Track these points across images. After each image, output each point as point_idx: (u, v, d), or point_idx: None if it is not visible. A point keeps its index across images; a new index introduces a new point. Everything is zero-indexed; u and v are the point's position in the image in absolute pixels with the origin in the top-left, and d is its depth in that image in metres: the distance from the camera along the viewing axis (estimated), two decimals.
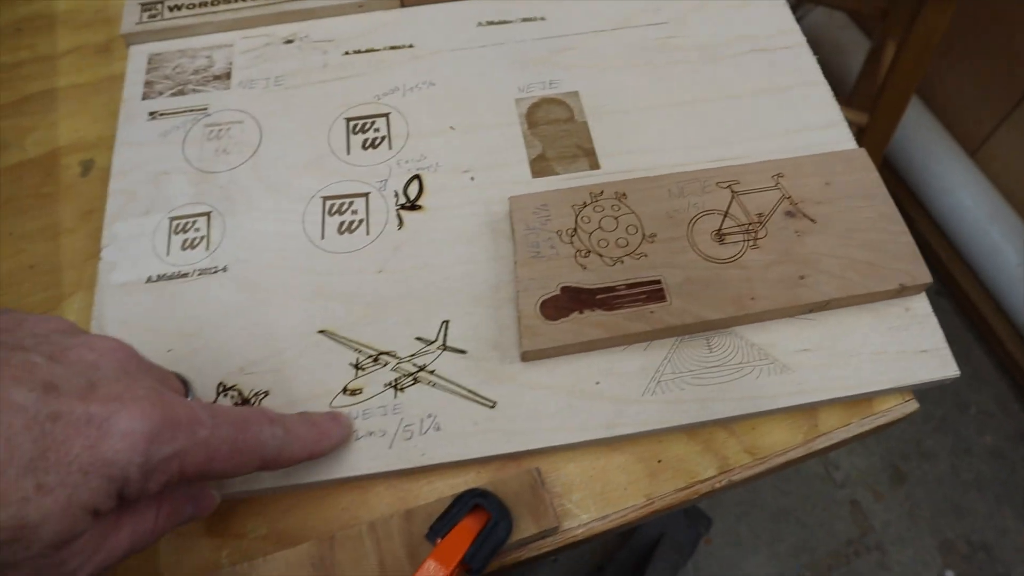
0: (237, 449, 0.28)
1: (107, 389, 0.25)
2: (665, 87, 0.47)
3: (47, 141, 0.49)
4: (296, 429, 0.32)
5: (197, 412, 0.27)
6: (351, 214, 0.43)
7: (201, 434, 0.27)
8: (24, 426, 0.23)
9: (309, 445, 0.33)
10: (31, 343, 0.26)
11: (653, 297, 0.38)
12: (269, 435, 0.30)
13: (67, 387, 0.24)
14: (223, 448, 0.28)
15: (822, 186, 0.41)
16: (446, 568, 0.30)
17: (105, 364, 0.26)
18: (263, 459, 0.30)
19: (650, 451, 0.37)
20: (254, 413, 0.31)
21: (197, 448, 0.27)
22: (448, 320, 0.39)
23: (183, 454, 0.26)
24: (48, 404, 0.23)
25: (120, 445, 0.24)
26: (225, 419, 0.28)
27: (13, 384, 0.23)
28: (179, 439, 0.26)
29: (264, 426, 0.30)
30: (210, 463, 0.27)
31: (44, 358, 0.25)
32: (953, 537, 1.10)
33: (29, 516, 0.23)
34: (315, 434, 0.33)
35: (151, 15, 0.50)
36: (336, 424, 0.35)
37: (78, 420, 0.24)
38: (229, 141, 0.46)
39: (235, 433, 0.28)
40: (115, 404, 0.25)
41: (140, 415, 0.25)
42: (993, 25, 1.08)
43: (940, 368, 0.38)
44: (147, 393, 0.26)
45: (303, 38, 0.50)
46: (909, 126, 1.22)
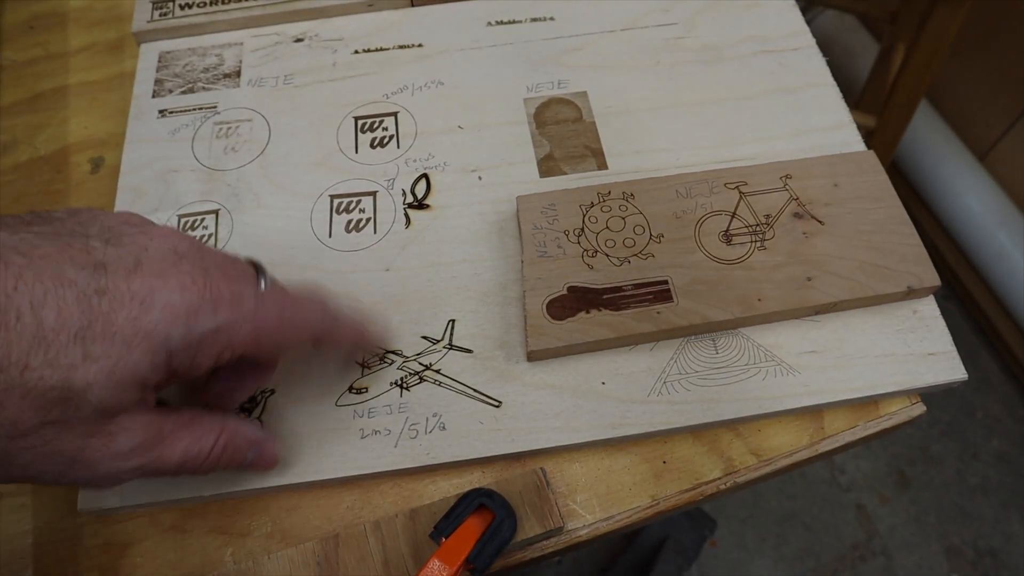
0: (284, 327, 0.30)
1: (151, 267, 0.26)
2: (674, 88, 0.47)
3: (58, 138, 0.49)
4: (345, 319, 0.33)
5: (241, 288, 0.28)
6: (359, 212, 0.43)
7: (246, 307, 0.28)
8: (75, 299, 0.25)
9: (356, 328, 0.34)
10: (95, 231, 0.27)
11: (660, 297, 0.38)
12: (319, 310, 0.31)
13: (115, 266, 0.26)
14: (270, 326, 0.29)
15: (830, 188, 0.41)
16: (450, 567, 0.30)
17: (155, 247, 0.28)
18: (312, 334, 0.31)
19: (655, 452, 0.37)
20: (308, 296, 0.32)
21: (242, 321, 0.28)
22: (454, 319, 0.39)
23: (228, 327, 0.27)
24: (96, 280, 0.25)
25: (159, 316, 0.26)
26: (273, 297, 0.29)
27: (69, 262, 0.25)
28: (221, 312, 0.27)
29: (316, 309, 0.31)
30: (256, 338, 0.28)
31: (101, 242, 0.27)
32: (959, 542, 1.10)
33: (75, 381, 0.24)
34: (359, 325, 0.35)
35: (162, 13, 0.50)
36: (375, 327, 0.37)
37: (122, 295, 0.25)
38: (238, 139, 0.46)
39: (281, 308, 0.29)
40: (157, 280, 0.26)
41: (179, 289, 0.26)
42: (1003, 29, 1.07)
43: (947, 371, 0.38)
44: (190, 269, 0.27)
45: (313, 37, 0.50)
46: (918, 129, 1.22)
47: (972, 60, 1.14)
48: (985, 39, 1.10)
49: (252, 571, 0.33)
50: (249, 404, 0.37)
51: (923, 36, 0.89)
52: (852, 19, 1.33)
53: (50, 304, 0.24)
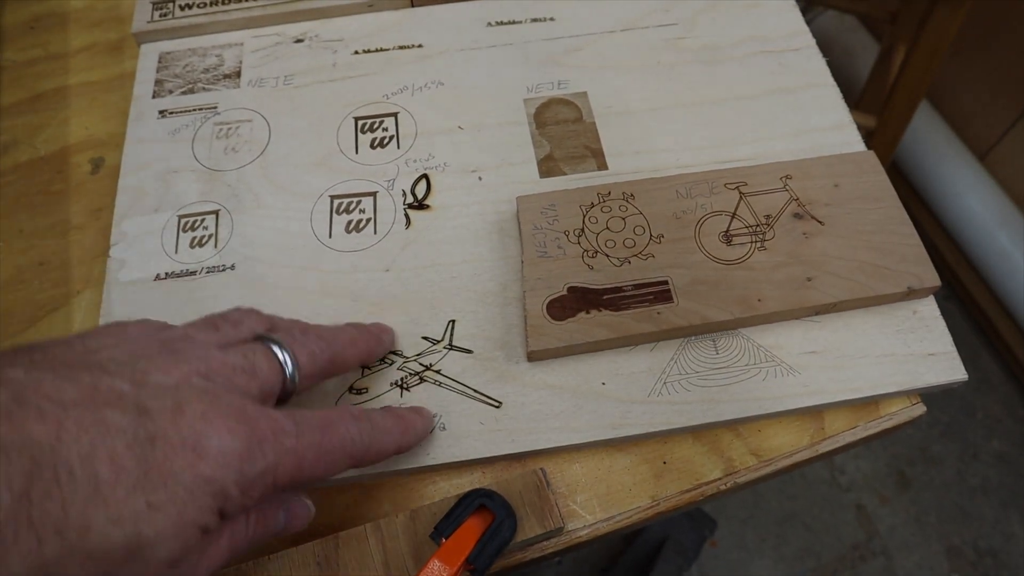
0: (324, 451, 0.28)
1: (193, 409, 0.25)
2: (674, 88, 0.47)
3: (58, 139, 0.49)
4: (381, 423, 0.32)
5: (281, 422, 0.27)
6: (359, 213, 0.43)
7: (288, 443, 0.27)
8: (126, 447, 0.23)
9: (396, 438, 0.33)
10: (114, 369, 0.26)
11: (660, 298, 0.38)
12: (355, 432, 0.30)
13: (157, 409, 0.24)
14: (310, 453, 0.28)
15: (830, 188, 0.41)
16: (450, 568, 0.30)
17: (184, 387, 0.26)
18: (351, 457, 0.30)
19: (656, 452, 0.37)
20: (338, 412, 0.30)
21: (287, 458, 0.27)
22: (454, 319, 0.39)
23: (275, 466, 0.26)
24: (143, 426, 0.24)
25: (214, 464, 0.25)
26: (310, 423, 0.28)
27: (107, 407, 0.23)
28: (269, 453, 0.26)
29: (349, 424, 0.30)
30: (300, 470, 0.27)
31: (128, 383, 0.25)
32: (960, 543, 1.10)
33: (144, 533, 0.23)
34: (401, 426, 0.33)
35: (162, 14, 0.50)
36: (419, 416, 0.35)
37: (173, 441, 0.24)
38: (238, 139, 0.46)
39: (320, 436, 0.28)
40: (204, 424, 0.25)
41: (229, 434, 0.25)
42: (1003, 29, 1.07)
43: (948, 372, 0.38)
44: (231, 410, 0.26)
45: (313, 37, 0.50)
46: (918, 129, 1.22)
47: (972, 60, 1.14)
48: (985, 39, 1.10)
49: (252, 571, 0.33)
50: None
51: (923, 36, 0.89)
52: (852, 19, 1.33)
53: (101, 455, 0.22)
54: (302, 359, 0.31)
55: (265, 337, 0.31)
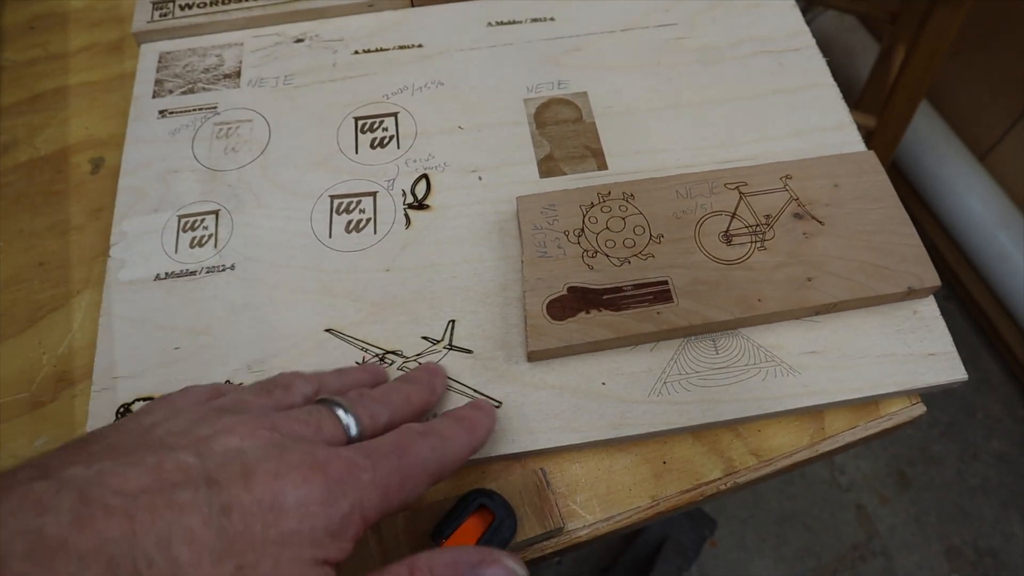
0: (405, 476, 0.28)
1: (263, 469, 0.25)
2: (674, 88, 0.47)
3: (58, 139, 0.49)
4: (449, 432, 0.31)
5: (354, 458, 0.27)
6: (359, 213, 0.43)
7: (366, 478, 0.26)
8: (203, 524, 0.22)
9: (465, 442, 0.32)
10: (173, 442, 0.25)
11: (660, 298, 0.38)
12: (428, 450, 0.29)
13: (225, 478, 0.24)
14: (393, 482, 0.27)
15: (830, 188, 0.41)
16: None
17: (250, 446, 0.26)
18: (430, 475, 0.29)
19: (655, 452, 0.37)
20: (405, 433, 0.30)
21: (368, 492, 0.26)
22: (454, 319, 0.39)
23: (359, 503, 0.26)
24: (216, 498, 0.23)
25: (299, 516, 0.24)
26: (381, 452, 0.28)
27: (176, 488, 0.23)
28: (349, 492, 0.26)
29: (419, 443, 0.29)
30: (386, 500, 0.27)
31: (194, 456, 0.24)
32: (960, 543, 1.10)
33: None
34: (467, 429, 0.32)
35: (162, 14, 0.50)
36: (481, 412, 0.34)
37: (250, 507, 0.24)
38: (238, 139, 0.46)
39: (397, 462, 0.28)
40: (278, 482, 0.24)
41: (305, 484, 0.25)
42: (1003, 29, 1.07)
43: (948, 372, 0.38)
44: (301, 459, 0.25)
45: (313, 37, 0.51)
46: (918, 129, 1.22)
47: (972, 60, 1.14)
48: (985, 39, 1.10)
49: None
50: None
51: (923, 36, 0.89)
52: (852, 19, 1.33)
53: (178, 538, 0.22)
54: (364, 420, 0.30)
55: (327, 400, 0.30)
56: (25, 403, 0.39)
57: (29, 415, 0.39)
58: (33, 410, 0.39)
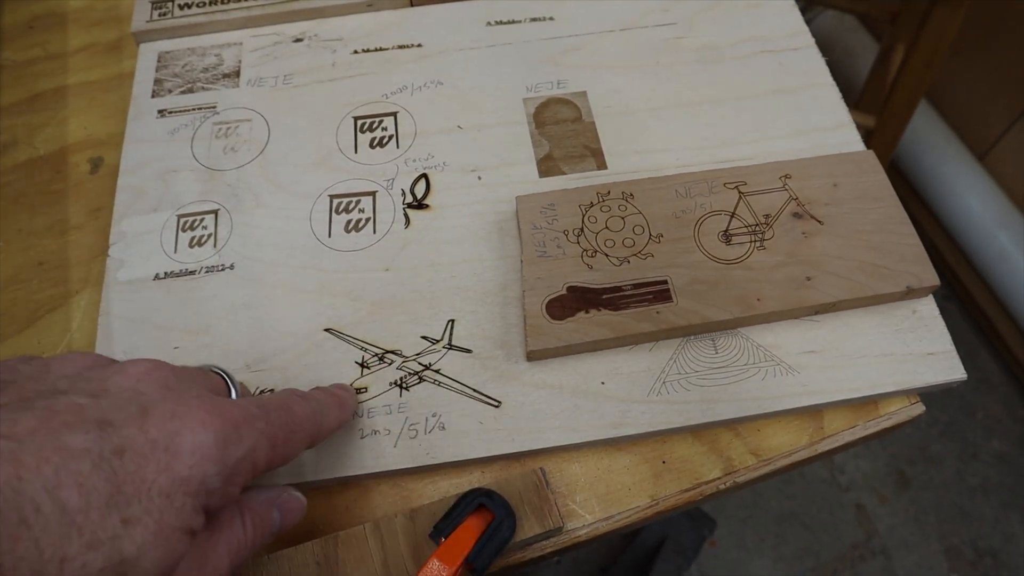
0: (290, 431, 0.29)
1: (160, 410, 0.25)
2: (673, 88, 0.47)
3: (57, 138, 0.49)
4: (325, 402, 0.33)
5: (248, 407, 0.27)
6: (358, 212, 0.43)
7: (259, 426, 0.27)
8: (92, 467, 0.22)
9: (336, 414, 0.34)
10: (66, 385, 0.25)
11: (659, 297, 0.38)
12: (308, 411, 0.31)
13: (120, 418, 0.24)
14: (280, 434, 0.28)
15: (830, 188, 0.41)
16: (450, 567, 0.30)
17: (147, 387, 0.26)
18: (310, 435, 0.30)
19: (655, 452, 0.37)
20: (288, 395, 0.31)
21: (260, 439, 0.27)
22: (454, 319, 0.39)
23: (252, 450, 0.26)
24: (108, 440, 0.23)
25: (192, 460, 0.24)
26: (272, 406, 0.29)
27: (67, 430, 0.22)
28: (244, 438, 0.26)
29: (301, 404, 0.31)
30: (274, 451, 0.28)
31: (87, 397, 0.24)
32: (959, 542, 1.10)
33: (125, 550, 0.22)
34: (337, 402, 0.34)
35: (161, 13, 0.50)
36: (346, 391, 0.36)
37: (143, 448, 0.23)
38: (237, 139, 0.46)
39: (284, 417, 0.29)
40: (174, 423, 0.24)
41: (201, 426, 0.25)
42: (1002, 29, 1.07)
43: (947, 371, 0.38)
44: (200, 402, 0.26)
45: (312, 37, 0.50)
46: (917, 129, 1.22)
47: (972, 60, 1.14)
48: (985, 39, 1.10)
49: (251, 571, 0.33)
50: None
51: (923, 36, 0.89)
52: (852, 19, 1.33)
53: (66, 482, 0.21)
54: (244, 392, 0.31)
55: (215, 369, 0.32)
56: None
57: None
58: None
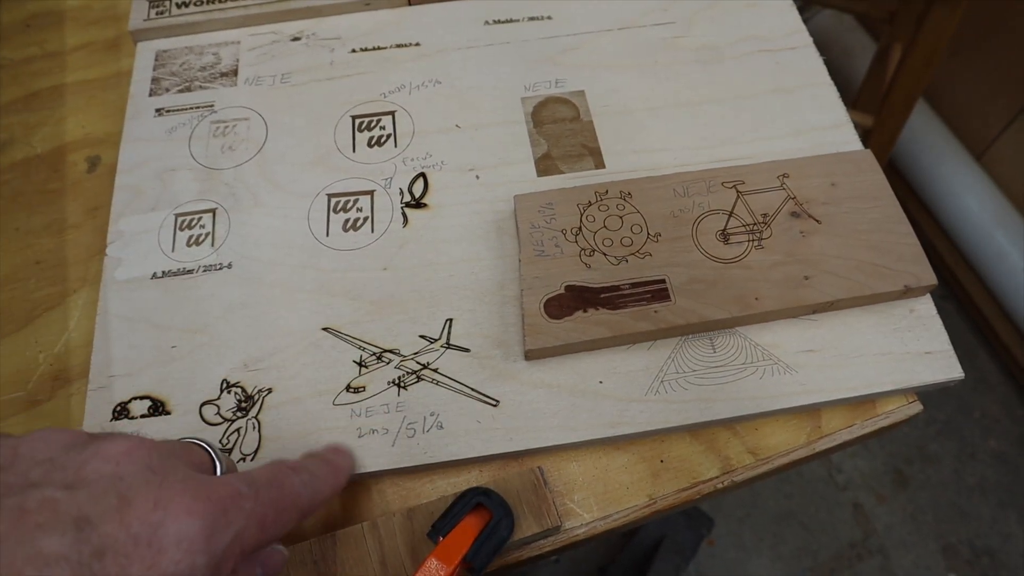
0: (280, 509, 0.27)
1: (141, 499, 0.23)
2: (671, 87, 0.47)
3: (54, 137, 0.49)
4: (318, 471, 0.31)
5: (236, 486, 0.26)
6: (356, 211, 0.43)
7: (247, 506, 0.25)
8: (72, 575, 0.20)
9: (331, 483, 0.32)
10: (39, 475, 0.23)
11: (657, 296, 0.38)
12: (300, 484, 0.29)
13: (99, 513, 0.22)
14: (270, 513, 0.27)
15: (828, 187, 0.41)
16: (448, 566, 0.30)
17: (127, 470, 0.24)
18: (301, 510, 0.29)
19: (653, 451, 0.37)
20: (278, 468, 0.29)
21: (249, 521, 0.25)
22: (452, 318, 0.39)
23: (241, 533, 0.25)
24: (87, 541, 0.21)
25: (179, 555, 0.23)
26: (261, 482, 0.27)
27: (41, 533, 0.21)
28: (232, 521, 0.25)
29: (293, 478, 0.29)
30: (263, 531, 0.26)
31: (62, 490, 0.22)
32: (956, 542, 1.10)
33: None
34: (332, 470, 0.32)
35: (159, 12, 0.50)
36: (341, 455, 0.34)
37: (124, 546, 0.22)
38: (235, 138, 0.46)
39: (274, 493, 0.27)
40: (157, 513, 0.23)
41: (187, 515, 0.23)
42: (1000, 28, 1.07)
43: (944, 370, 0.38)
44: (184, 486, 0.24)
45: (310, 36, 0.50)
46: (915, 129, 1.22)
47: (969, 59, 1.15)
48: (982, 39, 1.10)
49: None
50: (247, 403, 0.37)
51: (920, 36, 0.89)
52: (850, 19, 1.33)
53: None
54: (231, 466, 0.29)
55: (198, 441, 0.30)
56: (21, 402, 0.39)
57: (25, 414, 0.39)
58: (29, 409, 0.39)
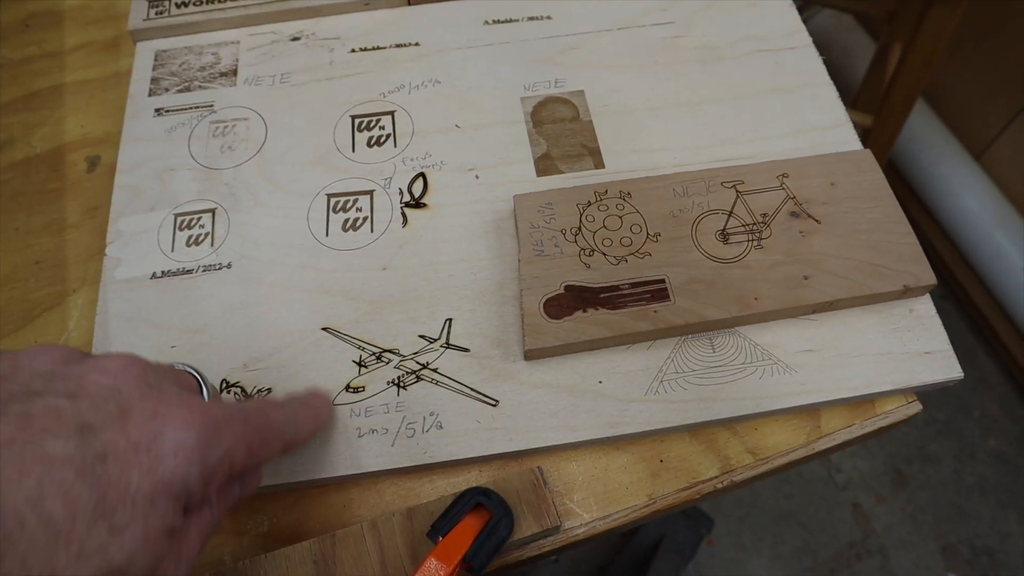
0: (267, 436, 0.29)
1: (140, 409, 0.24)
2: (671, 87, 0.47)
3: (54, 137, 0.49)
4: (299, 410, 0.32)
5: (228, 408, 0.27)
6: (356, 211, 0.43)
7: (238, 428, 0.27)
8: (76, 475, 0.21)
9: (311, 422, 0.33)
10: (42, 385, 0.24)
11: (657, 296, 0.38)
12: (283, 417, 0.31)
13: (101, 421, 0.23)
14: (257, 438, 0.28)
15: (827, 187, 0.41)
16: (447, 566, 0.30)
17: (125, 385, 0.25)
18: (285, 441, 0.30)
19: (652, 451, 0.37)
20: (265, 401, 0.31)
21: (239, 442, 0.27)
22: (451, 318, 0.39)
23: (231, 451, 0.26)
24: (91, 445, 0.22)
25: (175, 462, 0.24)
26: (250, 410, 0.29)
27: (48, 436, 0.22)
28: (224, 438, 0.26)
29: (276, 410, 0.30)
30: (250, 454, 0.28)
31: (65, 398, 0.23)
32: (956, 541, 1.10)
33: (114, 559, 0.22)
34: (312, 411, 0.34)
35: (158, 12, 0.50)
36: (319, 399, 0.35)
37: (125, 451, 0.23)
38: (234, 138, 0.46)
39: (261, 421, 0.29)
40: (155, 423, 0.24)
41: (184, 426, 0.24)
42: (999, 28, 1.07)
43: (944, 370, 0.38)
44: (180, 401, 0.25)
45: (310, 35, 0.50)
46: (914, 128, 1.22)
47: (969, 59, 1.15)
48: (982, 38, 1.10)
49: (250, 570, 0.33)
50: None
51: (920, 35, 0.89)
52: (849, 18, 1.33)
53: (51, 493, 0.21)
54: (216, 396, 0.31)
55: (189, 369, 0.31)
56: None
57: None
58: None
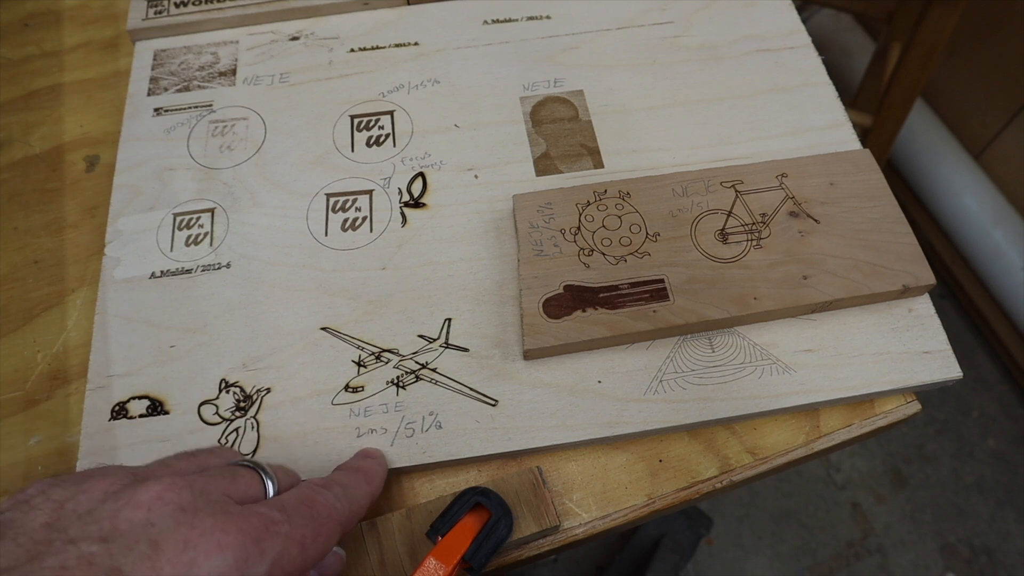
0: (318, 528, 0.27)
1: (172, 542, 0.23)
2: (670, 86, 0.47)
3: (53, 136, 0.49)
4: (349, 481, 0.31)
5: (268, 513, 0.26)
6: (355, 211, 0.43)
7: (282, 530, 0.26)
8: None
9: (365, 489, 0.32)
10: (78, 531, 0.23)
11: (656, 296, 0.38)
12: (333, 498, 0.29)
13: (131, 563, 0.22)
14: (308, 534, 0.27)
15: (826, 187, 0.41)
16: (446, 566, 0.30)
17: (158, 515, 0.24)
18: (341, 524, 0.29)
19: (651, 450, 0.37)
20: (307, 487, 0.29)
21: (287, 544, 0.25)
22: (451, 318, 0.39)
23: (279, 559, 0.25)
24: None
25: None
26: (292, 505, 0.27)
27: None
28: (268, 548, 0.25)
29: (325, 494, 0.29)
30: (304, 553, 0.26)
31: (98, 543, 0.23)
32: (955, 540, 1.10)
33: None
34: (363, 479, 0.32)
35: (157, 11, 0.50)
36: (372, 460, 0.34)
37: None
38: (233, 137, 0.46)
39: (307, 512, 0.27)
40: (187, 553, 0.23)
41: (218, 550, 0.23)
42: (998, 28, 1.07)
43: (943, 369, 0.38)
44: (215, 521, 0.24)
45: (309, 35, 0.50)
46: (913, 128, 1.22)
47: (968, 59, 1.15)
48: (980, 38, 1.11)
49: None
50: (245, 403, 0.37)
51: (919, 35, 0.89)
52: (848, 18, 1.33)
53: None
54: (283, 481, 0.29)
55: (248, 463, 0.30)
56: (19, 401, 0.39)
57: (23, 413, 0.39)
58: (27, 408, 0.39)
